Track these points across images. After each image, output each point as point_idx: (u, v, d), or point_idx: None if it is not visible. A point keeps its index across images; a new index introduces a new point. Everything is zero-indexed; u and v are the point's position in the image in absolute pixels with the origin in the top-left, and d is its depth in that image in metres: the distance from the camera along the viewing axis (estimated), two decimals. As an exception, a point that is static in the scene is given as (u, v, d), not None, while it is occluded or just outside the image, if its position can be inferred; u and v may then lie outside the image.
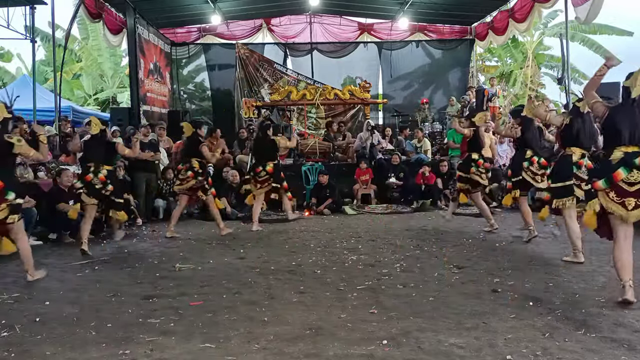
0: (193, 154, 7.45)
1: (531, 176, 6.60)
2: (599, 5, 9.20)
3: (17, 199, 4.77)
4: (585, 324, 3.56)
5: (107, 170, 6.40)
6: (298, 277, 5.04)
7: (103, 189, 6.33)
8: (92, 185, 6.29)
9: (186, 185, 7.41)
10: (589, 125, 5.43)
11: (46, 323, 3.80)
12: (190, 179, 7.33)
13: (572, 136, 5.34)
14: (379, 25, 15.76)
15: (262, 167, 7.86)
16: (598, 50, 19.05)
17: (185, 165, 7.43)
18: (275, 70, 14.51)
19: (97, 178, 6.30)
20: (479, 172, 7.23)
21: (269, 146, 8.00)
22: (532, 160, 6.56)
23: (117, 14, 12.12)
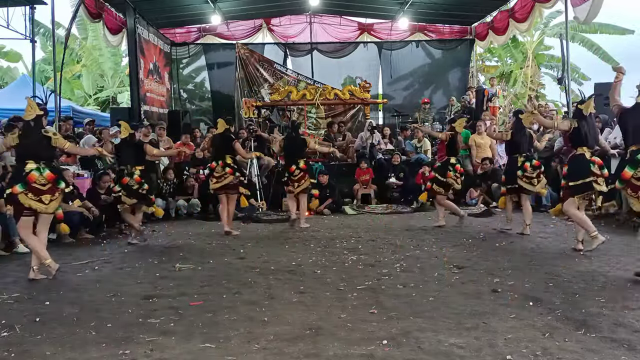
0: (226, 151, 7.47)
1: (527, 182, 6.94)
2: (598, 5, 9.20)
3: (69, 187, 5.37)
4: (585, 324, 3.56)
5: (140, 170, 6.75)
6: (298, 277, 5.04)
7: (140, 189, 6.73)
8: (130, 186, 6.67)
9: (223, 183, 7.42)
10: (592, 127, 5.87)
11: (46, 323, 3.80)
12: (229, 175, 7.37)
13: (580, 137, 5.74)
14: (379, 25, 15.75)
15: (295, 166, 7.91)
16: (597, 52, 19.06)
17: (220, 162, 7.41)
18: (275, 70, 14.50)
19: (132, 179, 6.67)
20: (455, 177, 7.61)
21: (301, 145, 8.09)
22: (525, 167, 6.87)
23: (117, 14, 12.11)
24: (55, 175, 5.11)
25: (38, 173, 5.04)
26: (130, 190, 6.71)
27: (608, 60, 19.07)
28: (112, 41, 12.37)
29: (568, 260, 5.49)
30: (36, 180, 5.02)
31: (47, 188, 5.08)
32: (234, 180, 7.44)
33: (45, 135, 5.22)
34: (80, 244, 7.07)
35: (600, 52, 19.06)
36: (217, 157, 7.48)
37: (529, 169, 6.90)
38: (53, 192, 5.10)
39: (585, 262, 5.39)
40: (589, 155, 5.71)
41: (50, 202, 5.09)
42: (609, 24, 17.94)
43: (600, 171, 5.69)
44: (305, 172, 7.95)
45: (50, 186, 5.09)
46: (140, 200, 6.84)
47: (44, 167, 5.08)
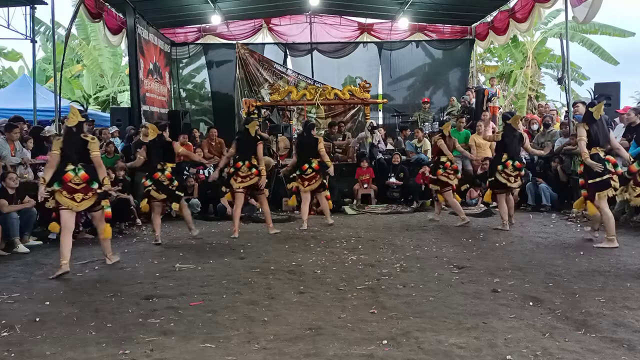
0: (252, 151, 7.53)
1: (505, 177, 7.45)
2: (597, 6, 9.20)
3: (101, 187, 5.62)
4: (585, 324, 3.56)
5: (171, 168, 7.05)
6: (298, 277, 5.04)
7: (170, 185, 7.02)
8: (160, 182, 6.96)
9: (248, 183, 7.47)
10: (602, 129, 6.27)
11: (46, 323, 3.81)
12: (254, 176, 7.45)
13: (592, 139, 6.20)
14: (379, 25, 15.73)
15: (308, 165, 7.97)
16: (597, 51, 19.06)
17: (246, 163, 7.47)
18: (275, 70, 14.49)
19: (164, 175, 6.97)
20: (446, 174, 8.04)
21: (314, 144, 8.13)
22: (507, 164, 7.41)
23: (117, 14, 12.11)
24: (88, 176, 5.50)
25: (73, 173, 5.46)
26: (161, 186, 6.98)
27: (607, 59, 19.08)
28: (113, 41, 12.36)
29: (568, 260, 5.49)
30: (71, 179, 5.43)
31: (80, 187, 5.47)
32: (259, 182, 7.50)
33: (84, 139, 5.62)
34: (80, 244, 7.07)
35: (600, 52, 19.05)
36: (243, 158, 7.52)
37: (510, 166, 7.40)
38: (86, 191, 5.48)
39: (585, 262, 5.39)
40: (603, 154, 6.18)
41: (82, 200, 5.48)
42: (610, 25, 17.93)
43: (614, 169, 6.20)
44: (317, 172, 8.03)
45: (84, 186, 5.48)
46: (169, 196, 7.08)
47: (79, 168, 5.48)
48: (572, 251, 5.93)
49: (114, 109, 14.62)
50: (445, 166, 8.07)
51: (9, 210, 6.56)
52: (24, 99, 12.14)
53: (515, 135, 7.56)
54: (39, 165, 8.30)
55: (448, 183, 8.09)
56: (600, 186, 6.12)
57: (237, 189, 7.58)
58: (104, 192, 5.69)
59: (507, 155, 7.46)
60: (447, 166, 8.08)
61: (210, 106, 15.92)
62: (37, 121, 10.59)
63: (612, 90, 9.97)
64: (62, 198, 5.41)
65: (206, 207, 9.60)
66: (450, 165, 8.09)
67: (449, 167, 8.08)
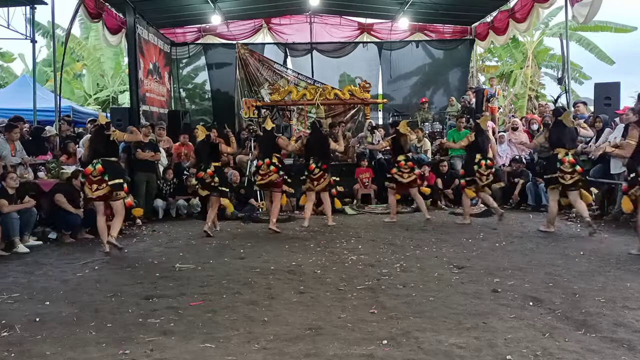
0: (272, 149, 7.83)
1: (478, 176, 7.93)
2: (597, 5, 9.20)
3: (114, 180, 6.32)
4: (585, 324, 3.56)
5: (214, 166, 7.59)
6: (298, 277, 5.04)
7: (212, 182, 7.54)
8: (203, 179, 7.57)
9: (267, 180, 7.74)
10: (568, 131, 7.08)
11: (46, 323, 3.81)
12: (273, 173, 7.70)
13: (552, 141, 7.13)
14: (378, 25, 15.73)
15: (315, 165, 8.06)
16: (593, 50, 19.06)
17: (267, 161, 7.74)
18: (275, 70, 14.49)
19: (206, 174, 7.54)
20: (400, 172, 8.31)
21: (325, 144, 8.29)
22: (481, 164, 7.89)
23: (117, 14, 12.10)
24: (102, 169, 6.28)
25: (92, 167, 6.35)
26: (204, 183, 7.59)
27: (603, 58, 19.07)
28: (112, 41, 12.35)
29: (568, 260, 5.49)
30: (90, 172, 6.35)
31: (96, 179, 6.32)
32: (278, 179, 7.74)
33: (107, 135, 6.47)
34: (80, 244, 7.07)
35: (597, 51, 19.05)
36: (264, 156, 7.80)
37: (483, 165, 7.90)
38: (100, 183, 6.31)
39: (585, 262, 5.39)
40: (562, 155, 6.93)
41: (96, 190, 6.34)
42: (611, 22, 17.92)
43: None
44: (325, 170, 8.11)
45: (99, 178, 6.30)
46: (212, 192, 7.63)
47: (97, 162, 6.33)
48: (572, 251, 5.92)
49: (114, 109, 14.61)
50: (399, 165, 8.26)
51: (9, 210, 6.56)
52: (24, 99, 12.14)
53: (485, 136, 8.13)
54: (39, 165, 8.30)
55: (399, 182, 8.29)
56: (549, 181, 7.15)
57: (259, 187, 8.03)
58: (119, 184, 6.34)
59: (480, 155, 7.94)
60: (402, 165, 8.25)
61: (210, 106, 15.93)
62: (37, 121, 10.59)
63: (612, 90, 9.97)
64: (86, 188, 6.48)
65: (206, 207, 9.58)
66: (405, 164, 8.24)
67: (403, 165, 8.25)
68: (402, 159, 8.32)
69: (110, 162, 6.42)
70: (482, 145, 8.07)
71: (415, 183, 8.50)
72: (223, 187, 7.72)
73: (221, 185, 7.69)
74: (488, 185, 8.06)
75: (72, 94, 20.02)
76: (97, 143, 6.54)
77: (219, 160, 7.88)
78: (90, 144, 6.69)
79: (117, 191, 6.35)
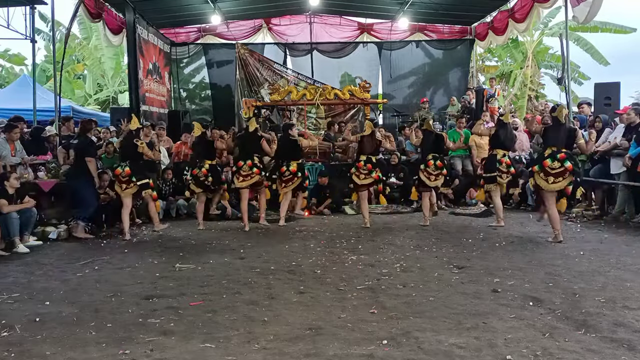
0: (254, 150, 7.93)
1: (426, 176, 7.99)
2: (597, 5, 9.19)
3: (141, 181, 7.42)
4: (585, 324, 3.56)
5: (209, 165, 7.86)
6: (298, 277, 5.04)
7: (205, 180, 7.84)
8: (197, 177, 7.86)
9: (251, 182, 7.88)
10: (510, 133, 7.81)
11: (46, 323, 3.81)
12: (256, 175, 7.86)
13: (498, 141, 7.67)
14: (378, 25, 15.73)
15: (364, 162, 8.01)
16: (589, 50, 19.05)
17: (248, 162, 7.83)
18: (275, 70, 14.48)
19: (200, 171, 7.82)
20: (358, 173, 8.15)
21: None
22: (429, 164, 7.95)
23: (117, 14, 12.10)
24: (130, 172, 7.32)
25: (121, 169, 7.37)
26: (198, 180, 7.86)
27: (599, 59, 19.06)
28: (114, 41, 12.35)
29: (568, 260, 5.49)
30: (120, 174, 7.37)
31: (124, 180, 7.35)
32: (260, 179, 7.97)
33: (135, 143, 7.44)
34: (80, 244, 7.07)
35: (592, 51, 19.04)
36: (246, 157, 7.87)
37: (432, 165, 7.95)
38: (128, 183, 7.38)
39: (585, 262, 5.40)
40: (500, 156, 7.53)
41: (126, 189, 7.40)
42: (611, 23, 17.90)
43: (507, 169, 7.57)
44: (294, 175, 8.19)
45: (127, 179, 7.35)
46: (205, 190, 8.00)
47: (125, 165, 7.37)
48: (572, 251, 5.92)
49: (114, 109, 14.62)
50: (358, 166, 8.07)
51: (9, 210, 6.56)
52: (24, 99, 12.13)
53: (431, 139, 8.09)
54: (39, 165, 8.30)
55: (357, 183, 8.10)
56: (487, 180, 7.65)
57: (239, 188, 7.94)
58: (146, 183, 7.45)
59: (430, 156, 7.97)
60: (360, 166, 8.05)
61: (210, 106, 15.94)
62: (37, 121, 10.58)
63: (612, 90, 9.97)
64: (117, 187, 7.44)
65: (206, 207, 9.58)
66: (364, 165, 8.02)
67: (362, 166, 8.04)
68: (363, 159, 8.08)
69: (137, 164, 7.46)
70: (428, 146, 8.03)
71: (372, 185, 8.22)
72: (215, 186, 8.00)
73: (214, 184, 7.94)
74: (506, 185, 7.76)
75: (73, 94, 20.02)
76: (126, 147, 7.53)
77: (214, 158, 8.12)
78: (121, 147, 7.71)
79: (145, 190, 7.43)
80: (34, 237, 7.11)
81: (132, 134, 7.53)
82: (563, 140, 6.64)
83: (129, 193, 7.41)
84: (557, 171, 6.42)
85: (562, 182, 6.41)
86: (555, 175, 6.43)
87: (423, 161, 8.14)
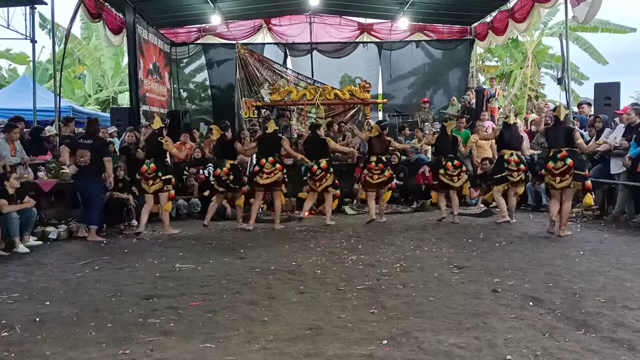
0: (275, 150, 8.11)
1: (448, 179, 8.13)
2: (597, 5, 9.20)
3: (166, 176, 7.65)
4: (585, 324, 3.56)
5: (230, 164, 7.95)
6: (298, 277, 5.04)
7: (227, 179, 7.90)
8: (220, 177, 7.96)
9: (274, 178, 7.94)
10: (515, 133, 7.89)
11: (46, 323, 3.81)
12: (278, 171, 7.96)
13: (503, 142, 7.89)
14: (378, 25, 15.74)
15: (317, 165, 8.16)
16: (588, 50, 19.05)
17: (270, 159, 7.94)
18: (275, 70, 14.49)
19: (222, 171, 7.91)
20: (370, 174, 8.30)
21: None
22: (447, 166, 8.09)
23: (117, 14, 12.10)
24: (155, 168, 7.55)
25: (146, 166, 7.58)
26: (220, 180, 7.93)
27: (598, 58, 19.06)
28: (114, 41, 12.35)
29: (568, 260, 5.49)
30: (145, 171, 7.57)
31: (151, 176, 7.56)
32: (280, 178, 7.99)
33: (160, 141, 7.70)
34: (80, 244, 7.07)
35: (591, 51, 19.04)
36: (267, 155, 8.00)
37: (450, 167, 8.06)
38: (155, 179, 7.58)
39: (585, 262, 5.39)
40: (507, 156, 7.70)
41: (152, 185, 7.60)
42: (610, 22, 17.91)
43: (517, 167, 7.71)
44: (326, 171, 8.18)
45: (153, 175, 7.56)
46: (227, 189, 8.02)
47: (150, 162, 7.60)
48: (572, 251, 5.92)
49: (114, 109, 14.62)
50: (370, 167, 8.27)
51: (9, 210, 6.57)
52: (24, 99, 12.12)
53: (449, 139, 8.27)
54: (39, 165, 8.30)
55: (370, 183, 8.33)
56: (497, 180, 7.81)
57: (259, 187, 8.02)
58: (170, 178, 7.67)
59: (444, 158, 8.13)
60: (372, 167, 8.23)
61: (210, 106, 15.94)
62: (37, 121, 10.58)
63: (612, 90, 9.97)
64: (142, 184, 7.65)
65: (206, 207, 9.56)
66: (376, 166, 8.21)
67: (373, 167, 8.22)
68: (374, 160, 8.27)
69: (161, 161, 7.76)
70: (445, 148, 8.20)
71: (385, 184, 8.40)
72: (237, 185, 8.00)
73: (235, 183, 7.95)
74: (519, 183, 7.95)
75: (73, 94, 20.02)
76: (151, 144, 7.78)
77: (235, 158, 8.15)
78: (146, 144, 7.92)
79: (167, 185, 7.64)
80: (34, 237, 7.12)
81: (155, 133, 7.78)
82: (561, 140, 6.89)
83: (155, 189, 7.60)
84: (561, 170, 6.76)
85: (569, 179, 6.75)
86: (560, 174, 6.76)
87: (440, 164, 8.23)
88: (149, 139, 7.90)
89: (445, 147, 8.28)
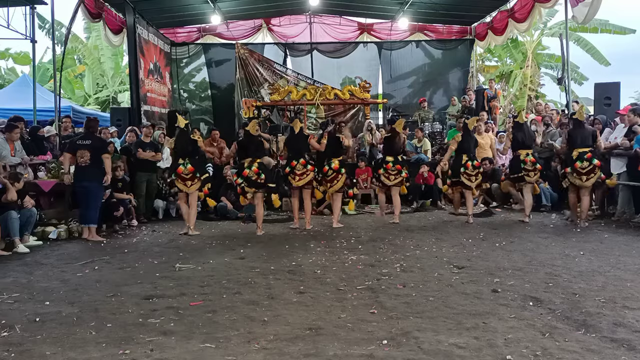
0: (304, 149, 8.03)
1: (467, 178, 8.23)
2: (597, 5, 9.20)
3: (204, 175, 7.70)
4: (585, 324, 3.56)
5: (258, 163, 7.61)
6: (298, 277, 5.04)
7: (258, 179, 7.57)
8: (249, 178, 7.57)
9: (307, 179, 7.93)
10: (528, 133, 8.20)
11: (46, 323, 3.80)
12: (310, 171, 7.92)
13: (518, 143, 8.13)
14: (378, 25, 15.75)
15: (328, 166, 8.04)
16: (590, 51, 19.04)
17: (301, 160, 7.90)
18: (275, 70, 14.49)
19: (251, 171, 7.56)
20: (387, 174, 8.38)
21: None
22: (467, 165, 8.18)
23: (117, 14, 12.10)
24: (193, 168, 7.46)
25: (183, 167, 7.48)
26: (250, 181, 7.58)
27: (599, 59, 19.05)
28: (114, 41, 12.34)
29: (568, 260, 5.49)
30: (182, 172, 7.48)
31: (188, 177, 7.49)
32: (312, 178, 7.97)
33: (192, 139, 7.63)
34: (80, 244, 7.07)
35: (593, 52, 19.03)
36: (297, 156, 7.92)
37: (470, 166, 8.18)
38: (193, 179, 7.52)
39: (585, 262, 5.40)
40: (524, 156, 7.91)
41: (191, 185, 7.53)
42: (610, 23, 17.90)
43: (533, 166, 7.93)
44: (337, 172, 8.03)
45: (191, 175, 7.47)
46: (259, 188, 7.66)
47: (187, 163, 7.48)
48: (572, 251, 5.93)
49: (114, 109, 14.62)
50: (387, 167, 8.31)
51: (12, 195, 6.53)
52: (24, 99, 12.13)
53: (471, 139, 8.40)
54: (39, 165, 8.30)
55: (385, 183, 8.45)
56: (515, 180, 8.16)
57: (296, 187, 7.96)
58: (207, 177, 7.75)
59: (467, 157, 8.20)
60: (389, 167, 8.32)
61: (210, 106, 15.95)
62: (36, 121, 10.58)
63: (612, 90, 9.98)
64: (179, 184, 7.55)
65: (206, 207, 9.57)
66: (393, 166, 8.26)
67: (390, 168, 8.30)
68: (391, 160, 8.29)
69: (196, 161, 7.59)
70: (468, 147, 8.28)
71: (401, 184, 8.39)
72: (270, 183, 7.78)
73: (267, 182, 7.70)
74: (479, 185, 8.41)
75: (73, 94, 20.01)
76: (183, 143, 7.60)
77: (262, 157, 7.84)
78: (176, 144, 7.65)
79: (206, 184, 7.66)
80: (34, 237, 7.11)
81: (183, 132, 7.63)
82: (589, 141, 7.50)
83: (194, 189, 7.52)
84: (587, 169, 7.39)
85: (594, 178, 7.41)
86: (587, 173, 7.39)
87: (461, 163, 8.27)
88: (180, 139, 7.65)
89: (468, 146, 8.33)
